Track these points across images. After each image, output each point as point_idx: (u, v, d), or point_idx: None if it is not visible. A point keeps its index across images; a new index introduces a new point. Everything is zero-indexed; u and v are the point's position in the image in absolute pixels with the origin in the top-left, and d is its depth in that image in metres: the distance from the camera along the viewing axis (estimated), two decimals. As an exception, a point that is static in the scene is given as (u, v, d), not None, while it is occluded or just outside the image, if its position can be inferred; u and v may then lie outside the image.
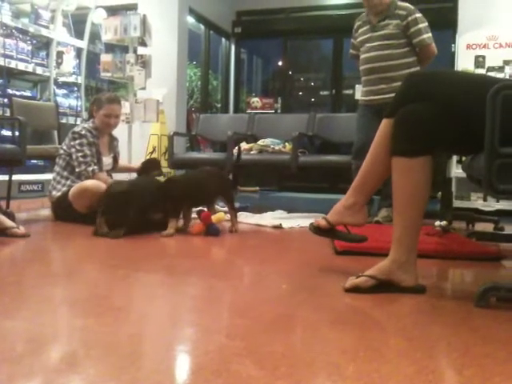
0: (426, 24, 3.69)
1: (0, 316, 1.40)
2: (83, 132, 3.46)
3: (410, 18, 3.67)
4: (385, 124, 1.78)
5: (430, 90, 1.67)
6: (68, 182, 3.45)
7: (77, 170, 3.42)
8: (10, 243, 2.63)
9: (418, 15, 3.69)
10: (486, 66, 4.83)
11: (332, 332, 1.34)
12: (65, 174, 3.49)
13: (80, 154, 3.41)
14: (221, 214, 3.29)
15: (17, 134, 3.55)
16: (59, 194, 3.45)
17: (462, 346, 1.24)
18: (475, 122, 1.56)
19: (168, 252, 2.67)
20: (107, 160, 3.65)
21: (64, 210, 3.38)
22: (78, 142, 3.43)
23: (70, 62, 6.33)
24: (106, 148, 3.67)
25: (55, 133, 5.16)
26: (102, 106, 3.54)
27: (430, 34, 3.69)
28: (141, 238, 2.90)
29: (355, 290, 1.70)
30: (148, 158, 5.63)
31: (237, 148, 3.68)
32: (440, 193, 4.18)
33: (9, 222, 2.79)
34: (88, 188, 3.20)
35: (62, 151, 3.53)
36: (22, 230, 2.77)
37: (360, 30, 3.89)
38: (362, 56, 3.85)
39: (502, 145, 1.48)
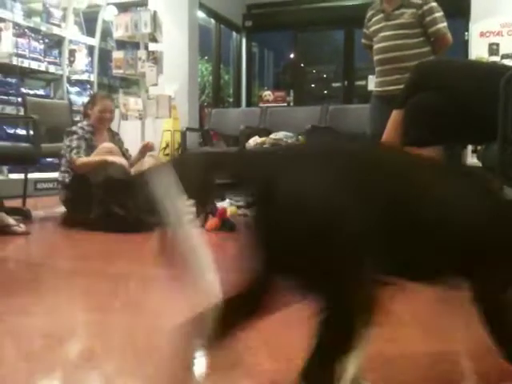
0: (442, 13, 3.64)
1: (17, 313, 1.42)
2: (74, 129, 3.58)
3: (425, 7, 3.62)
4: (395, 115, 1.77)
5: (438, 79, 1.66)
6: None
7: (63, 160, 3.52)
8: (22, 241, 2.66)
9: (434, 4, 3.63)
10: (500, 53, 4.75)
11: (346, 324, 1.33)
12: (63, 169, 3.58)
13: (69, 149, 3.49)
14: (233, 209, 3.29)
15: (31, 132, 3.59)
16: (67, 181, 3.48)
17: (479, 336, 1.23)
18: (485, 110, 1.54)
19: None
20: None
21: (76, 193, 3.40)
22: (69, 138, 3.52)
23: (82, 60, 6.36)
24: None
25: (69, 131, 5.19)
26: (96, 103, 3.66)
27: (445, 24, 3.63)
28: (152, 234, 2.92)
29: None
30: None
31: None
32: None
33: (10, 220, 2.81)
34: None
35: (62, 151, 3.61)
36: (22, 227, 2.80)
37: (373, 19, 3.83)
38: (376, 46, 3.79)
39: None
